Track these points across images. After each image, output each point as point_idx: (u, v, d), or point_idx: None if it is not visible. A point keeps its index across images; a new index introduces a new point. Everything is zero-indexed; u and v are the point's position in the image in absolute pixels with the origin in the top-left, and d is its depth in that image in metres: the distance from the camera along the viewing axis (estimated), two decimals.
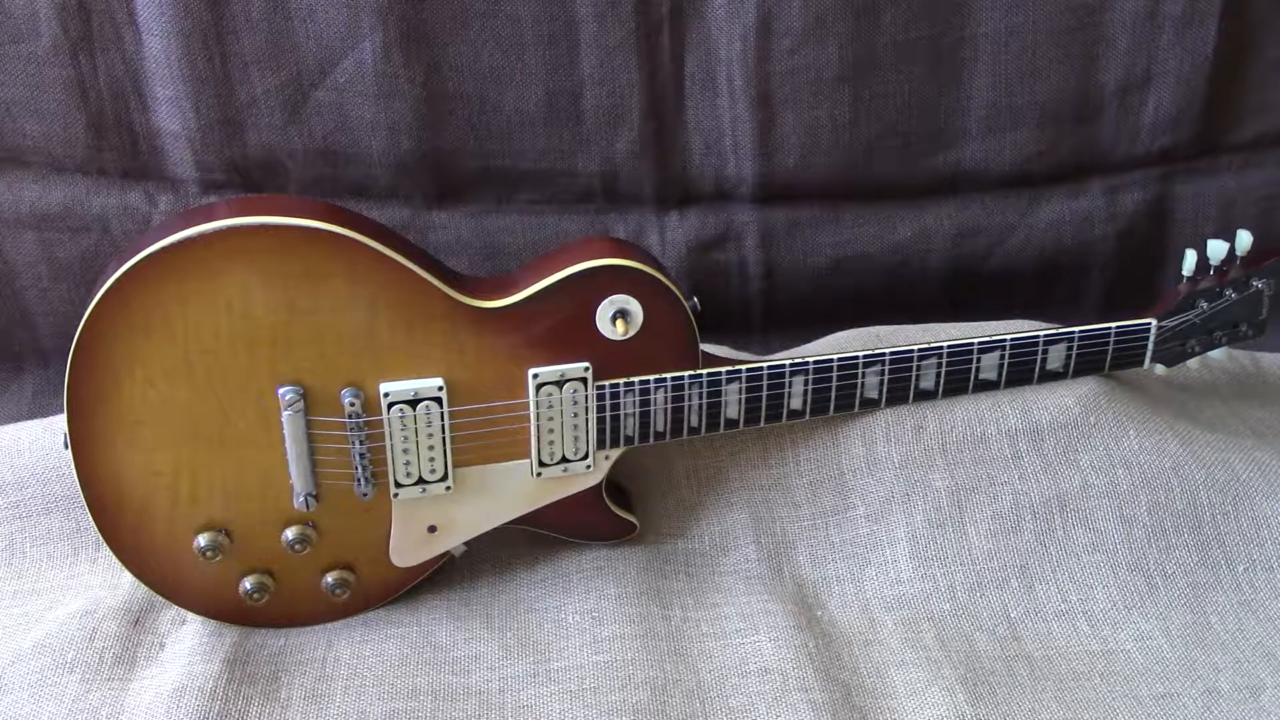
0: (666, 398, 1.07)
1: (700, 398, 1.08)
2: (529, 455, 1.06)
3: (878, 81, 1.28)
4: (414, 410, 1.01)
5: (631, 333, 1.03)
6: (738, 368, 1.08)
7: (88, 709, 0.97)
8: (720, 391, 1.08)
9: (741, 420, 1.10)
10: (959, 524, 1.14)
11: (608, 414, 1.06)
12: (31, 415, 1.29)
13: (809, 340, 1.27)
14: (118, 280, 0.93)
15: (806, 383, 1.10)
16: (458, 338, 1.00)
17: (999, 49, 1.28)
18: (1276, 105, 1.36)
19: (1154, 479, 1.14)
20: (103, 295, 0.93)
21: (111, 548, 1.02)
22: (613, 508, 1.12)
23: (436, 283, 0.98)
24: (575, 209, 1.34)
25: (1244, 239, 1.15)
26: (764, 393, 1.09)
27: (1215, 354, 1.21)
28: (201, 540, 1.02)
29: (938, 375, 1.13)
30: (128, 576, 1.06)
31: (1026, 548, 1.13)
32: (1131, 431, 1.15)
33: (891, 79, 1.29)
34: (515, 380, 1.03)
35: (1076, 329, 1.15)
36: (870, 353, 1.11)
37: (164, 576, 1.04)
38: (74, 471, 0.99)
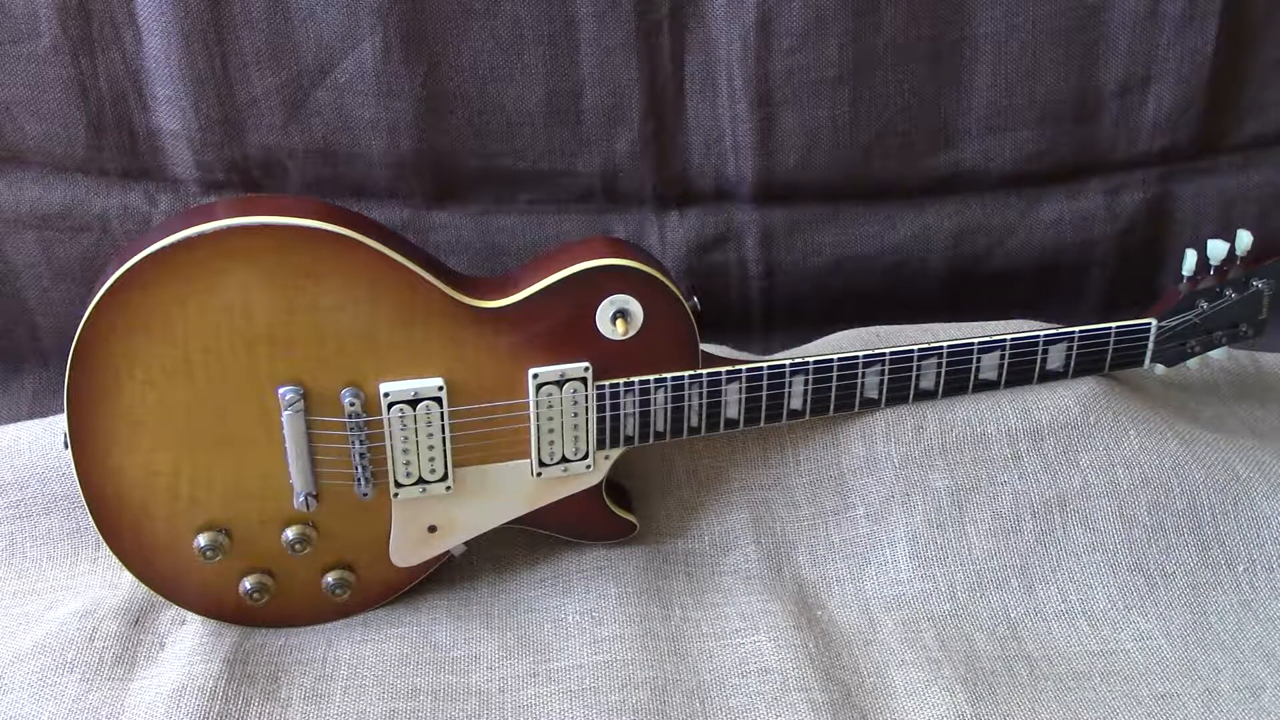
0: (666, 398, 1.07)
1: (700, 398, 1.08)
2: (529, 455, 1.06)
3: (878, 81, 1.28)
4: (414, 410, 1.01)
5: (631, 333, 1.03)
6: (738, 368, 1.08)
7: (88, 709, 0.97)
8: (720, 391, 1.08)
9: (741, 420, 1.10)
10: (959, 524, 1.13)
11: (608, 414, 1.06)
12: (31, 415, 1.29)
13: (809, 340, 1.27)
14: (118, 280, 0.93)
15: (806, 383, 1.10)
16: (458, 337, 1.00)
17: (999, 49, 1.28)
18: (1276, 105, 1.36)
19: (1154, 479, 1.14)
20: (103, 295, 0.93)
21: (111, 548, 1.02)
22: (613, 508, 1.12)
23: (436, 282, 0.98)
24: (575, 209, 1.34)
25: (1244, 239, 1.15)
26: (764, 393, 1.09)
27: (1215, 354, 1.21)
28: (201, 540, 1.02)
29: (938, 375, 1.13)
30: (128, 576, 1.06)
31: (1026, 548, 1.13)
32: (1131, 431, 1.15)
33: (891, 79, 1.29)
34: (515, 380, 1.03)
35: (1076, 329, 1.15)
36: (870, 353, 1.11)
37: (164, 576, 1.04)
38: (74, 471, 0.99)
